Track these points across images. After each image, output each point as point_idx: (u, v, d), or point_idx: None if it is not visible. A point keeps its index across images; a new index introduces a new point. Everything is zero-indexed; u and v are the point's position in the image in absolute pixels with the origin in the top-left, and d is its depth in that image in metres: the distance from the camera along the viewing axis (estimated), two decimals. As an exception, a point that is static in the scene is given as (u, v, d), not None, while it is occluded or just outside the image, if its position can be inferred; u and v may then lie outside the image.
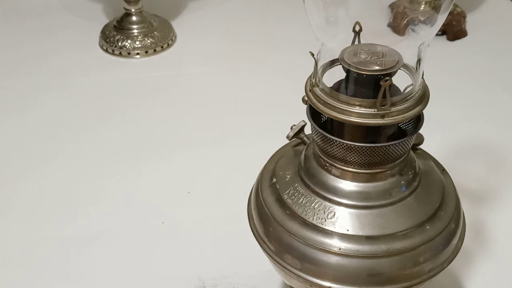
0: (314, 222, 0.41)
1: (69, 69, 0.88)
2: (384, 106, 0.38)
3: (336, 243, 0.40)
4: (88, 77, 0.86)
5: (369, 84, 0.39)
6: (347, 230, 0.40)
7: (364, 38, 0.43)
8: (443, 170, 0.48)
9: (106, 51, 0.92)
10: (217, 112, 0.78)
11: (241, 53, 0.91)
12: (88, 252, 0.58)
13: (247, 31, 0.96)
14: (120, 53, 0.91)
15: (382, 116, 0.39)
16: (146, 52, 0.91)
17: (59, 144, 0.73)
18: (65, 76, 0.86)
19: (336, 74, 0.41)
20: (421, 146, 0.48)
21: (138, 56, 0.91)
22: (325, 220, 0.41)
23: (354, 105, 0.39)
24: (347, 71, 0.40)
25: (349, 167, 0.41)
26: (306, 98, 0.42)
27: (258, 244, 0.44)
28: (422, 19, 0.42)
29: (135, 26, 0.93)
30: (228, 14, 1.03)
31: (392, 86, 0.40)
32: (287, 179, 0.44)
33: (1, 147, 0.73)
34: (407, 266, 0.42)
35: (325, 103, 0.40)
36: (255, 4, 1.04)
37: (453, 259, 0.45)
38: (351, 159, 0.40)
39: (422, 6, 0.44)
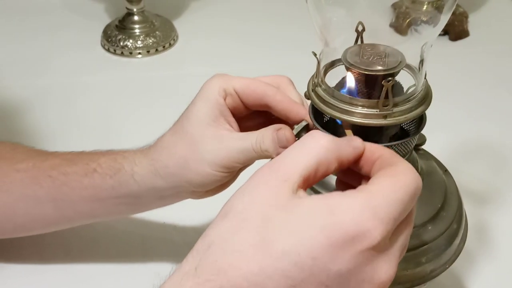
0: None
1: (71, 69, 0.88)
2: (386, 106, 0.38)
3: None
4: (90, 76, 0.86)
5: (372, 84, 0.39)
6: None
7: (367, 38, 0.43)
8: (445, 170, 0.48)
9: (108, 50, 0.92)
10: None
11: (243, 53, 0.91)
12: (88, 252, 0.58)
13: (249, 31, 0.96)
14: (122, 52, 0.91)
15: (385, 117, 0.38)
16: (148, 51, 0.91)
17: (60, 144, 0.73)
18: (67, 75, 0.86)
19: (339, 74, 0.41)
20: (423, 147, 0.48)
21: (140, 56, 0.91)
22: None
23: (356, 105, 0.39)
24: (350, 71, 0.40)
25: (351, 167, 0.41)
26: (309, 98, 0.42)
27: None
28: (424, 19, 0.42)
29: (137, 26, 0.93)
30: (230, 13, 1.02)
31: (394, 86, 0.40)
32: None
33: (3, 147, 0.72)
34: (409, 266, 0.42)
35: (327, 103, 0.40)
36: (257, 4, 1.04)
37: (455, 260, 0.45)
38: (353, 159, 0.40)
39: (425, 6, 0.44)
